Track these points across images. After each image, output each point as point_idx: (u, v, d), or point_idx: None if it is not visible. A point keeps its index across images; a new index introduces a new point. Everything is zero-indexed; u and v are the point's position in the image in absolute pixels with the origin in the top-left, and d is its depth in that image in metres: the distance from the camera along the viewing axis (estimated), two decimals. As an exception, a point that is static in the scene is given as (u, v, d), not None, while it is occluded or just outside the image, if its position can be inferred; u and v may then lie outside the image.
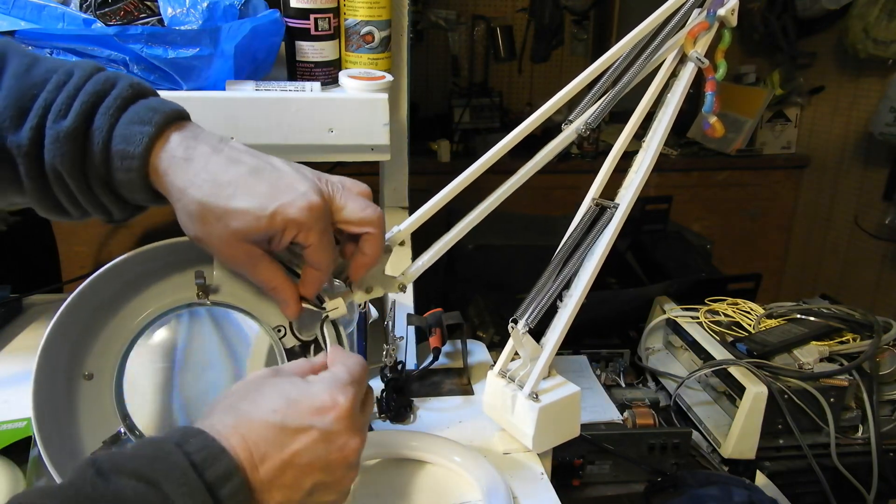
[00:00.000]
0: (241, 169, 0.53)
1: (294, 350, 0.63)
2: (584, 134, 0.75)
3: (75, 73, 0.53)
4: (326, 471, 0.49)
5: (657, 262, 1.52)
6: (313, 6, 0.84)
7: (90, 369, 0.61)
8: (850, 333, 1.10)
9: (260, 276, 0.57)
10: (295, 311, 0.59)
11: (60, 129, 0.52)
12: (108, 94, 0.53)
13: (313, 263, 0.57)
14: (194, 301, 0.62)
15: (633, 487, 0.98)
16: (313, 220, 0.53)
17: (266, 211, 0.52)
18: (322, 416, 0.48)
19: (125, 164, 0.53)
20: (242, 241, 0.53)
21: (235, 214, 0.52)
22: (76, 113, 0.52)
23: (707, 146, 2.82)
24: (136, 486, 0.41)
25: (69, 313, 0.58)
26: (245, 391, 0.49)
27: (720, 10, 0.78)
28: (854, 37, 2.49)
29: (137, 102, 0.54)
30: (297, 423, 0.47)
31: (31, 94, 0.52)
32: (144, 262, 0.61)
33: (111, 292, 0.61)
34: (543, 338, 0.74)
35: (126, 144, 0.52)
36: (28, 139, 0.52)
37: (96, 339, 0.61)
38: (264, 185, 0.53)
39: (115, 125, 0.53)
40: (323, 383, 0.50)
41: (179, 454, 0.43)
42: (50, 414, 0.58)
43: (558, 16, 2.86)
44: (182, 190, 0.52)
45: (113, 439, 0.59)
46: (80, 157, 0.53)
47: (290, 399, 0.48)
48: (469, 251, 1.49)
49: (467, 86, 2.84)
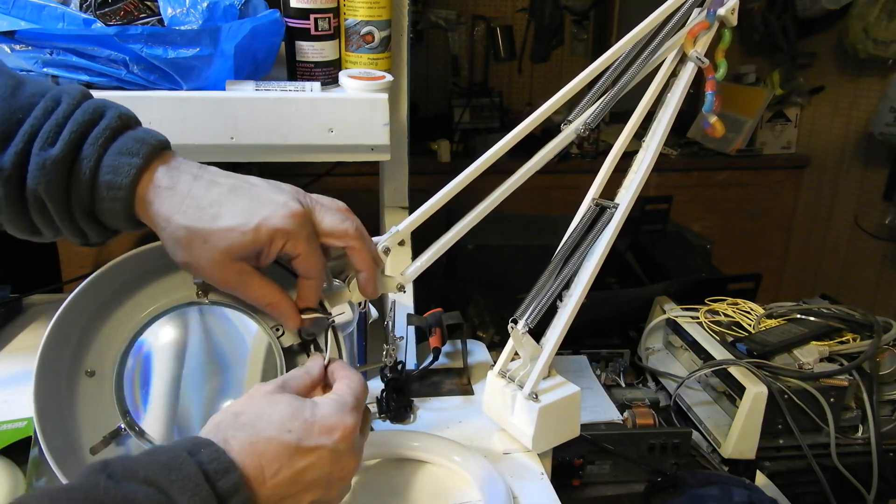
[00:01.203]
0: (221, 189, 0.55)
1: (292, 349, 0.63)
2: (584, 134, 0.75)
3: (63, 99, 0.53)
4: (326, 487, 0.51)
5: (657, 262, 1.52)
6: (313, 6, 0.84)
7: (92, 366, 0.61)
8: (850, 333, 1.10)
9: (254, 294, 0.57)
10: (296, 324, 0.59)
11: (48, 157, 0.52)
12: (96, 123, 0.53)
13: (305, 273, 0.58)
14: (193, 300, 0.62)
15: (633, 487, 0.98)
16: (297, 226, 0.55)
17: (250, 224, 0.53)
18: (331, 436, 0.51)
19: (111, 193, 0.53)
20: (232, 259, 0.54)
21: (221, 233, 0.53)
22: (65, 142, 0.52)
23: (707, 146, 2.82)
24: (148, 492, 0.41)
25: (71, 311, 0.59)
26: (257, 408, 0.50)
27: (720, 9, 0.78)
28: (854, 37, 2.49)
29: (125, 133, 0.55)
30: (309, 443, 0.49)
31: (17, 119, 0.52)
32: (144, 262, 0.61)
33: (112, 291, 0.62)
34: (543, 338, 0.74)
35: (114, 175, 0.53)
36: (11, 163, 0.52)
37: (98, 337, 0.62)
38: (245, 201, 0.54)
39: (103, 155, 0.53)
40: (332, 405, 0.52)
41: (192, 463, 0.44)
42: (51, 410, 0.58)
43: (558, 16, 2.86)
44: (167, 218, 0.53)
45: (112, 435, 0.60)
46: (65, 184, 0.53)
47: (304, 420, 0.50)
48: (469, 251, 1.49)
49: (467, 86, 2.84)
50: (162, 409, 0.61)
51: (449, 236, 0.69)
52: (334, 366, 0.58)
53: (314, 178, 1.36)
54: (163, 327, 0.62)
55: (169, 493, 0.42)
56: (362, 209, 0.93)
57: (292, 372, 0.57)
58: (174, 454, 0.44)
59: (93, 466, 0.43)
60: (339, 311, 0.61)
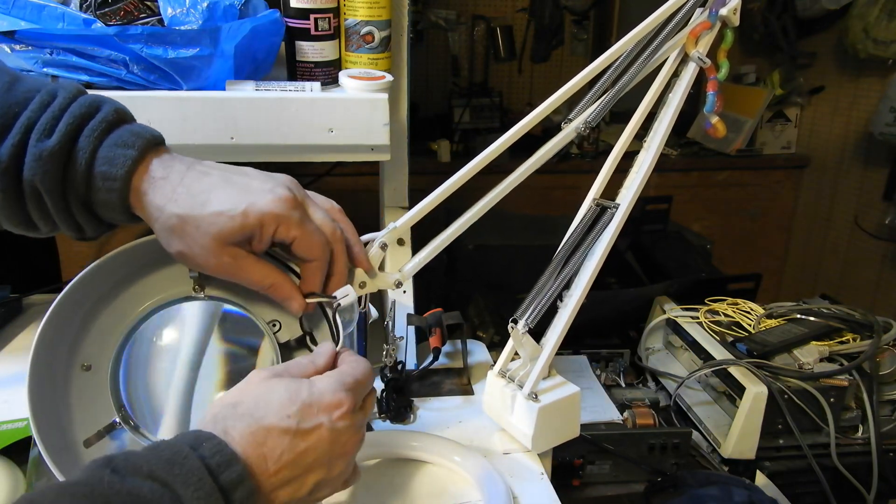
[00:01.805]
0: (212, 179, 0.56)
1: (289, 344, 0.64)
2: (584, 133, 0.75)
3: (59, 94, 0.55)
4: (328, 466, 0.51)
5: (657, 262, 1.51)
6: (313, 6, 0.84)
7: (88, 361, 0.62)
8: (850, 333, 1.10)
9: (253, 277, 0.57)
10: (301, 305, 0.59)
11: (44, 148, 0.52)
12: (92, 116, 0.55)
13: (305, 255, 0.57)
14: (190, 294, 0.63)
15: (633, 487, 0.98)
16: (287, 209, 0.55)
17: (238, 209, 0.54)
18: (329, 414, 0.50)
19: (107, 184, 0.54)
20: (223, 244, 0.54)
21: (211, 218, 0.54)
22: (61, 133, 0.53)
23: (707, 146, 2.82)
24: (152, 487, 0.42)
25: (66, 305, 0.59)
26: (254, 396, 0.50)
27: (722, 9, 0.78)
28: (854, 37, 2.49)
29: (121, 127, 0.56)
30: (307, 424, 0.49)
31: (13, 112, 0.53)
32: (139, 256, 0.61)
33: (107, 285, 0.62)
34: (543, 338, 0.74)
35: (109, 166, 0.54)
36: (8, 155, 0.52)
37: (93, 331, 0.62)
38: (234, 189, 0.55)
39: (98, 147, 0.54)
40: (330, 383, 0.52)
41: (194, 458, 0.44)
42: (46, 404, 0.59)
43: (558, 16, 2.86)
44: (160, 207, 0.54)
45: (107, 429, 0.60)
46: (61, 176, 0.54)
47: (303, 403, 0.50)
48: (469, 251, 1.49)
49: (467, 86, 2.84)
50: (158, 403, 0.61)
51: (448, 233, 0.69)
52: (344, 354, 0.58)
53: (314, 178, 1.36)
54: (159, 322, 0.62)
55: (173, 487, 0.42)
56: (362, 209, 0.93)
57: (297, 359, 0.57)
58: (177, 449, 0.44)
59: (96, 462, 0.43)
60: (344, 293, 0.61)
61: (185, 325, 0.62)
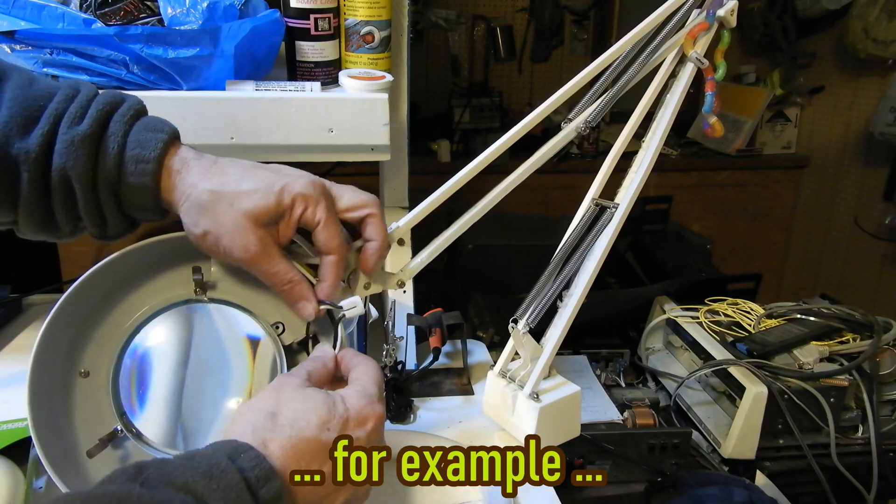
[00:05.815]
0: (245, 163, 0.58)
1: (292, 347, 0.63)
2: (584, 132, 0.75)
3: (81, 88, 0.56)
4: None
5: (657, 262, 1.51)
6: (313, 6, 0.84)
7: (86, 367, 0.61)
8: (850, 333, 1.10)
9: (275, 269, 0.57)
10: (314, 309, 0.59)
11: (76, 134, 0.54)
12: (120, 104, 0.56)
13: (325, 245, 0.58)
14: (191, 298, 0.62)
15: (633, 487, 0.98)
16: (318, 193, 0.57)
17: (275, 188, 0.55)
18: (364, 428, 0.50)
19: (139, 167, 0.55)
20: (256, 224, 0.55)
21: (246, 194, 0.55)
22: (92, 118, 0.54)
23: (707, 146, 2.82)
24: (185, 500, 0.40)
25: (65, 310, 0.58)
26: (294, 407, 0.49)
27: (719, 10, 0.78)
28: (854, 37, 2.49)
29: (147, 115, 0.58)
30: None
31: (38, 105, 0.54)
32: (139, 258, 0.61)
33: (106, 289, 0.61)
34: (544, 338, 0.74)
35: (141, 149, 0.55)
36: (38, 144, 0.53)
37: (92, 337, 0.61)
38: (268, 171, 0.57)
39: (129, 131, 0.56)
40: (361, 397, 0.52)
41: (234, 471, 0.42)
42: (46, 411, 0.58)
43: (558, 16, 2.87)
44: (194, 184, 0.55)
45: (109, 437, 0.59)
46: (93, 161, 0.55)
47: (340, 416, 0.49)
48: (469, 251, 1.49)
49: (467, 86, 2.84)
50: (160, 409, 0.60)
51: (449, 233, 0.69)
52: (344, 353, 0.58)
53: (314, 179, 1.36)
54: (159, 326, 0.61)
55: (207, 502, 0.40)
56: (362, 209, 0.92)
57: (308, 364, 0.56)
58: (214, 460, 0.42)
59: (127, 472, 0.41)
60: (351, 304, 0.61)
61: (186, 329, 0.62)
